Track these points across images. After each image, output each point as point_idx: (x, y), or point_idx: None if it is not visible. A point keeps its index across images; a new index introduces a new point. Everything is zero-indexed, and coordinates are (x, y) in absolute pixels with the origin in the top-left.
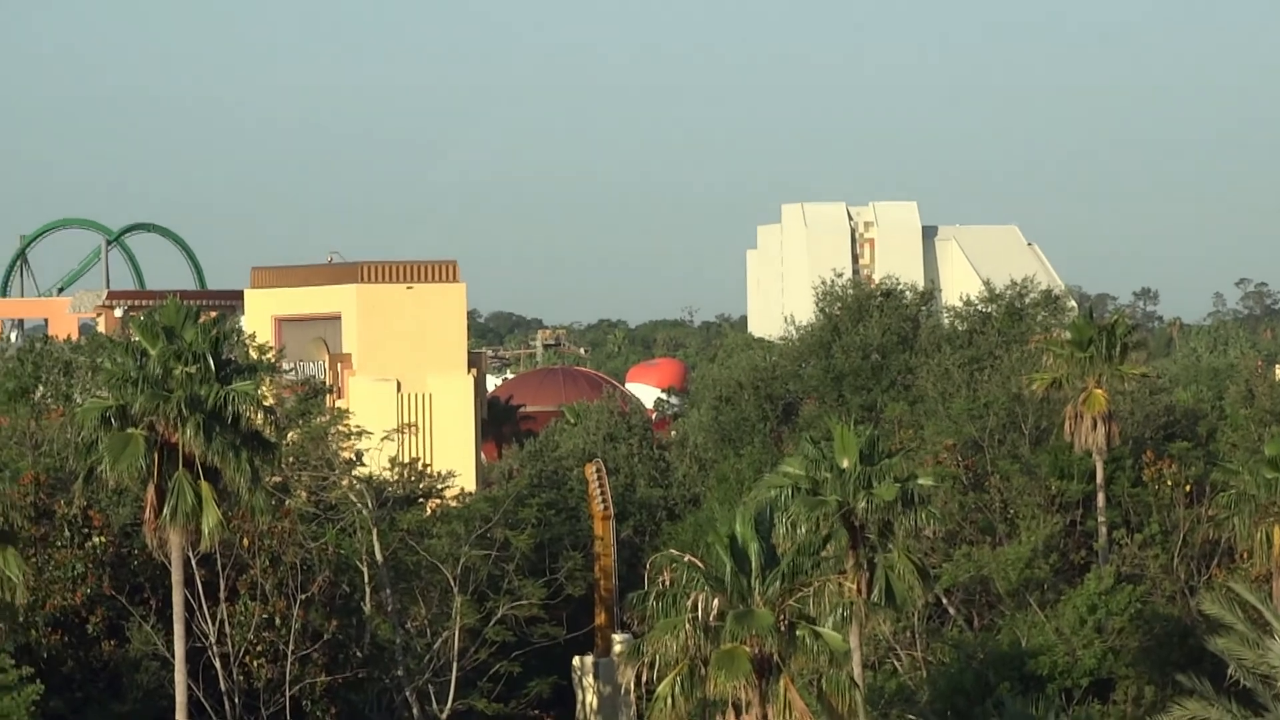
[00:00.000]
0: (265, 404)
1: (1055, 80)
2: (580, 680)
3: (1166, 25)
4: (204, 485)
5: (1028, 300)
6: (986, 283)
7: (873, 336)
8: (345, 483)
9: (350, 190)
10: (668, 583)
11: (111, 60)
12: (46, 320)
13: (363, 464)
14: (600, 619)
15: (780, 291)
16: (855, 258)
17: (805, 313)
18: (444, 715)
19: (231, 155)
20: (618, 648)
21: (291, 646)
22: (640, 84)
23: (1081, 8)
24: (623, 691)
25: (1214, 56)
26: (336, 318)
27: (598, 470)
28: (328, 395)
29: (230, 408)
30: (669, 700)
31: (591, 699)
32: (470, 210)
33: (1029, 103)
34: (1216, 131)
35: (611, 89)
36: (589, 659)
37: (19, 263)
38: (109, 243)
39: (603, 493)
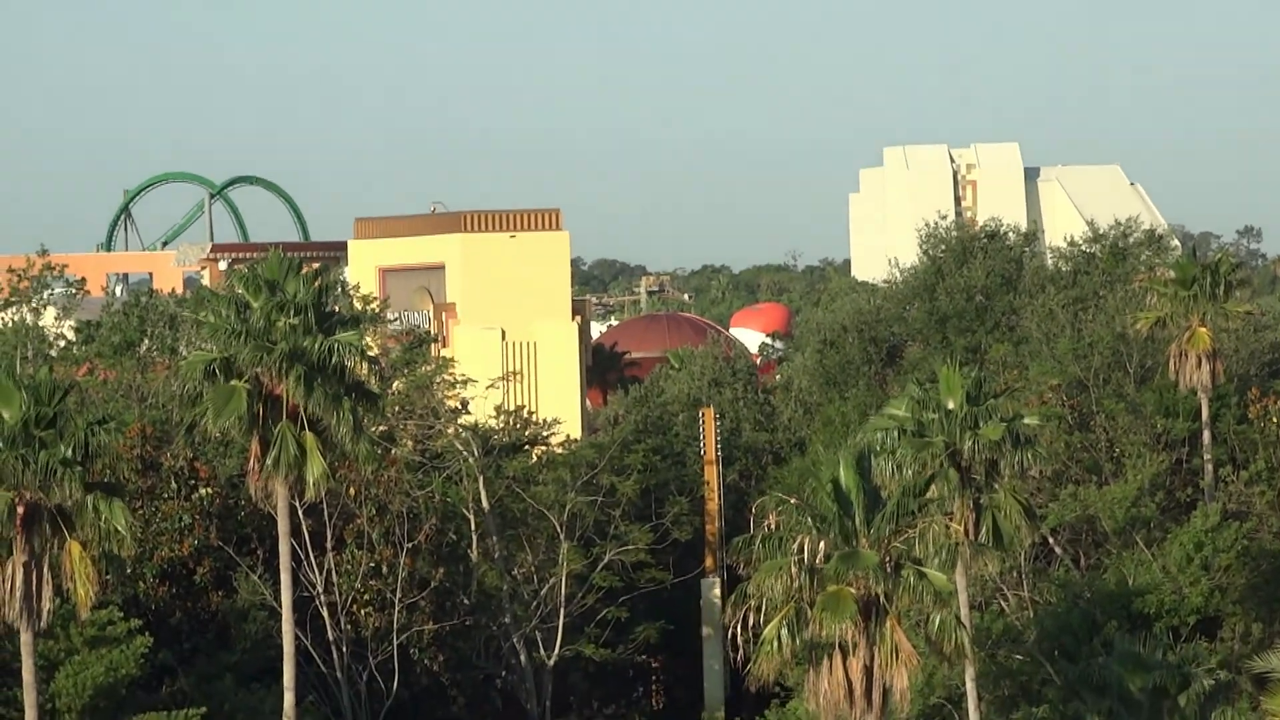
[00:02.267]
0: (369, 354)
1: (1154, 18)
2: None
3: None
4: (308, 436)
5: (1131, 240)
6: (1090, 223)
7: (976, 278)
8: (451, 431)
9: (452, 139)
10: (773, 526)
11: (212, 16)
12: (151, 274)
13: (468, 412)
14: (708, 563)
15: (883, 234)
16: (958, 200)
17: (908, 255)
18: (551, 661)
19: (333, 107)
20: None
21: (398, 595)
22: (739, 29)
23: None
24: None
25: None
26: (440, 267)
27: (717, 417)
28: (432, 344)
29: (334, 359)
30: (776, 642)
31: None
32: (573, 158)
33: (1129, 42)
34: None
35: (710, 34)
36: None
37: (123, 218)
38: (212, 196)
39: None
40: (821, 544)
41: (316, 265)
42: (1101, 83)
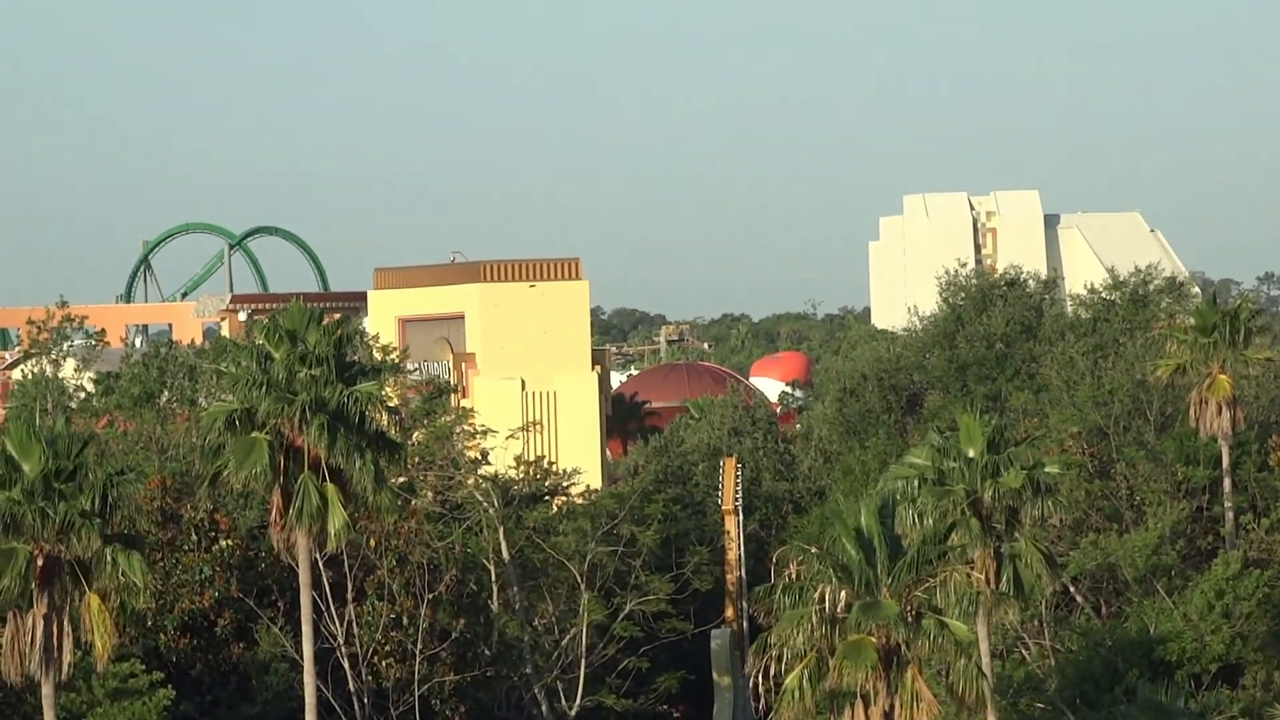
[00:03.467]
0: (389, 405)
1: (1174, 66)
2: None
3: None
4: (329, 487)
5: (1151, 287)
6: (1110, 270)
7: (996, 326)
8: (471, 482)
9: (471, 189)
10: (794, 575)
11: (231, 66)
12: (171, 325)
13: (488, 463)
14: (729, 613)
15: (903, 282)
16: (978, 247)
17: (928, 303)
18: (573, 712)
19: (352, 157)
20: (715, 644)
21: (419, 646)
22: (759, 79)
23: None
24: (745, 679)
25: None
26: (460, 317)
27: (737, 465)
28: (452, 395)
29: (354, 409)
30: (796, 692)
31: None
32: (592, 207)
33: (1148, 89)
34: None
35: (729, 84)
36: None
37: (143, 269)
38: (232, 247)
39: (736, 487)
40: (842, 593)
41: (337, 316)
42: (1121, 130)
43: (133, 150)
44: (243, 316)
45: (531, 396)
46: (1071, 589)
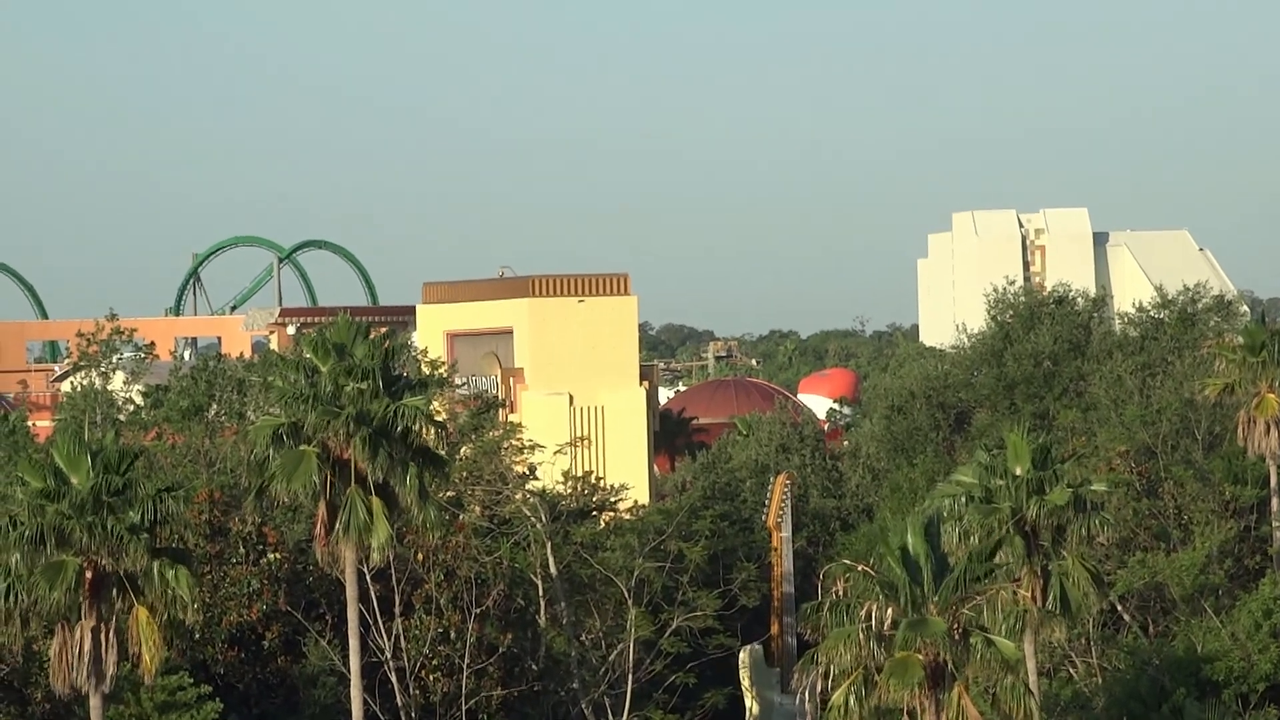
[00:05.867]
0: (436, 419)
1: (1224, 85)
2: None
3: None
4: (375, 501)
5: (1199, 305)
6: (1158, 288)
7: (1045, 344)
8: (519, 496)
9: (520, 204)
10: (841, 593)
11: (282, 79)
12: (220, 339)
13: (536, 478)
14: (775, 629)
15: (952, 300)
16: (1026, 265)
17: (977, 321)
18: None
19: (402, 170)
20: (743, 656)
21: (467, 660)
22: (807, 97)
23: (1249, 9)
24: (798, 701)
25: None
26: (508, 332)
27: (788, 483)
28: (500, 410)
29: (400, 423)
30: (843, 709)
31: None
32: (642, 222)
33: (1198, 108)
34: None
35: (778, 101)
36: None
37: (192, 281)
38: (281, 260)
39: (782, 505)
40: (889, 611)
41: (384, 330)
42: (1170, 148)
43: (183, 164)
44: (291, 330)
45: (579, 412)
46: (1119, 607)
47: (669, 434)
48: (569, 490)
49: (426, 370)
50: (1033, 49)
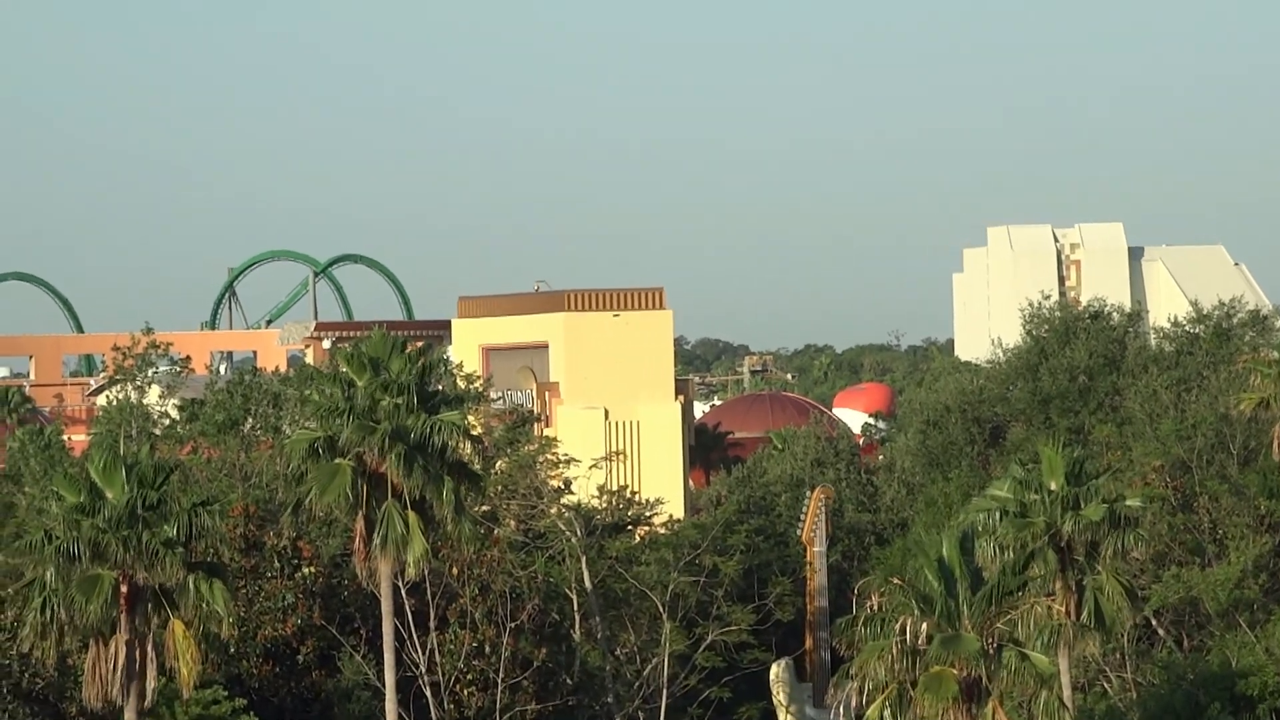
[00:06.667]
0: (471, 433)
1: (1258, 100)
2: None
3: None
4: (411, 515)
5: (1235, 320)
6: (1193, 303)
7: (1080, 358)
8: (554, 511)
9: (555, 218)
10: (876, 607)
11: (316, 96)
12: (255, 353)
13: (571, 492)
14: (809, 643)
15: (987, 314)
16: (1061, 279)
17: (1012, 335)
18: None
19: (438, 184)
20: (775, 671)
21: (502, 674)
22: (842, 110)
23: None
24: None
25: None
26: (544, 346)
27: (825, 498)
28: (535, 424)
29: (436, 438)
30: None
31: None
32: (677, 236)
33: (1233, 122)
34: None
35: (813, 115)
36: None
37: (228, 295)
38: (316, 274)
39: (816, 518)
40: (924, 625)
41: (420, 344)
42: (1206, 163)
43: (219, 178)
44: (327, 344)
45: (615, 426)
46: (1153, 622)
47: (704, 448)
48: (604, 504)
49: (462, 384)
50: (1068, 63)
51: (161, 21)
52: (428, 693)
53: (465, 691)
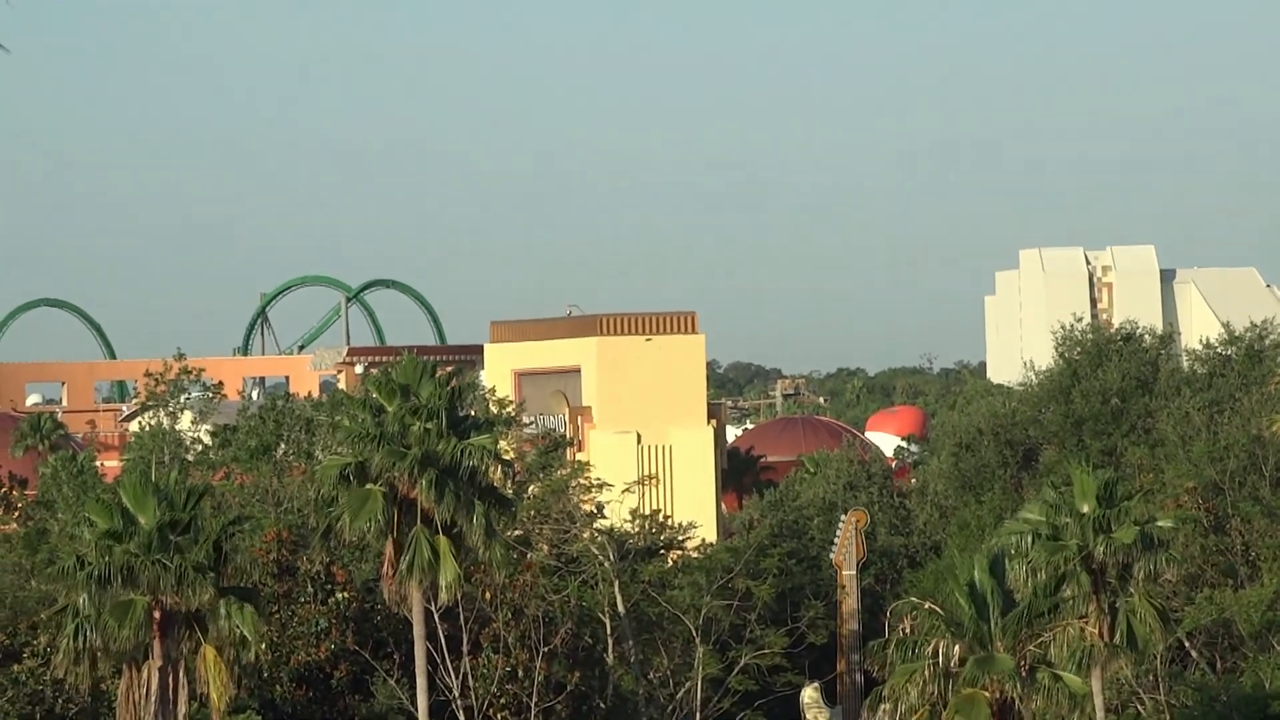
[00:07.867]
0: (502, 458)
1: None
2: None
3: None
4: (441, 540)
5: (1267, 342)
6: (1226, 325)
7: (1112, 381)
8: (586, 535)
9: (588, 242)
10: (908, 630)
11: (347, 122)
12: (288, 378)
13: (604, 516)
14: (841, 666)
15: (1019, 337)
16: (1094, 302)
17: (1044, 358)
18: None
19: (470, 210)
20: (806, 694)
21: (535, 699)
22: (873, 136)
23: None
24: None
25: None
26: (576, 371)
27: (856, 521)
28: (568, 448)
29: (466, 463)
30: None
31: None
32: (709, 260)
33: (1267, 144)
34: None
35: (843, 140)
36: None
37: (260, 321)
38: (349, 300)
39: (848, 542)
40: (956, 648)
41: (451, 369)
42: (1237, 185)
43: (251, 203)
44: (359, 369)
45: (647, 450)
46: (1186, 644)
47: (737, 472)
48: (637, 529)
49: (494, 409)
50: (1100, 87)
51: (189, 46)
52: (461, 717)
53: (499, 716)
